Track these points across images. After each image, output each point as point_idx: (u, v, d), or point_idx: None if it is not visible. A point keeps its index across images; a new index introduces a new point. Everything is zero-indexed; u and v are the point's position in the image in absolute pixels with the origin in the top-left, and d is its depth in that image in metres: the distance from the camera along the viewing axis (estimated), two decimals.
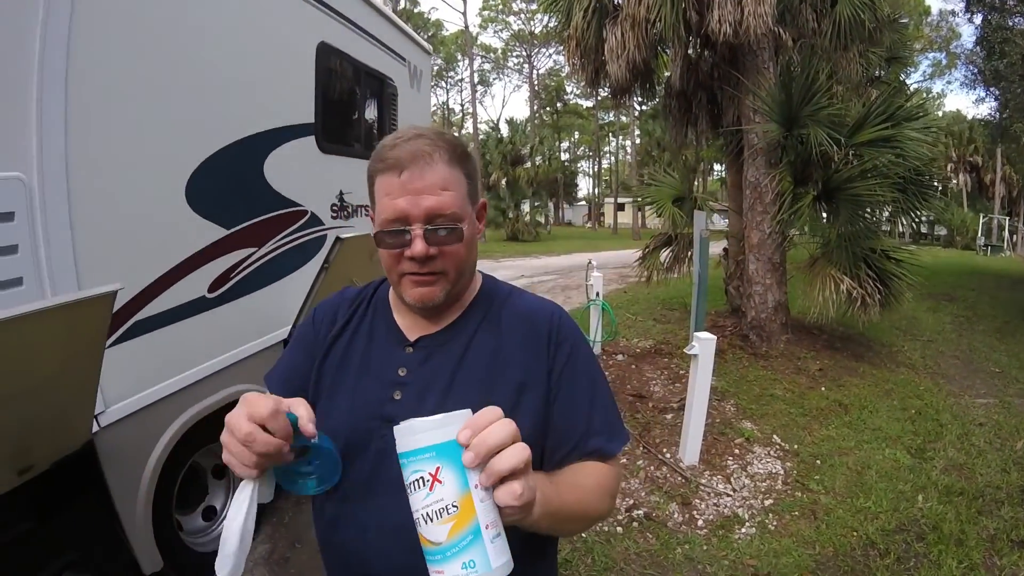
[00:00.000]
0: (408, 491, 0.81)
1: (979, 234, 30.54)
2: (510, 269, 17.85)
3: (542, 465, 1.16)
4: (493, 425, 0.82)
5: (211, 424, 3.14)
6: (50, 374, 1.94)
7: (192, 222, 2.98)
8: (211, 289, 3.13)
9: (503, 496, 0.81)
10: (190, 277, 2.97)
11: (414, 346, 1.19)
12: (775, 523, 3.95)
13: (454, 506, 0.78)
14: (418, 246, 1.07)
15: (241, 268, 3.34)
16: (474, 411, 0.93)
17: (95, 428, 2.43)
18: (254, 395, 0.92)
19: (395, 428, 0.84)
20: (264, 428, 0.88)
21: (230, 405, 1.13)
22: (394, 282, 1.17)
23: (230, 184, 3.27)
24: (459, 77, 55.73)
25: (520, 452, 0.82)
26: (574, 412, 1.18)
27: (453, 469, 0.79)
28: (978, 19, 15.20)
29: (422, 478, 0.79)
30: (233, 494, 1.01)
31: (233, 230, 3.26)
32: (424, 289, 1.12)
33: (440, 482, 0.79)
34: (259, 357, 3.50)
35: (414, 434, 0.81)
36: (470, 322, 1.21)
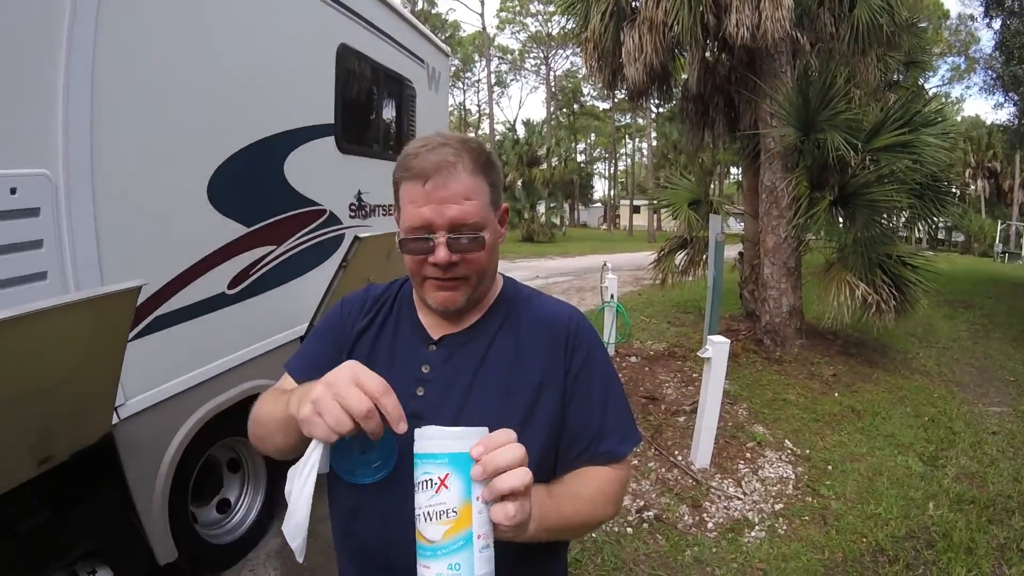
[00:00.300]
0: (416, 488, 0.87)
1: (997, 241, 30.21)
2: (525, 270, 17.86)
3: (555, 464, 1.20)
4: (505, 447, 0.87)
5: (228, 418, 3.19)
6: (73, 367, 1.98)
7: (213, 220, 3.03)
8: (231, 286, 3.18)
9: (497, 514, 0.86)
10: (210, 274, 3.02)
11: (437, 344, 1.22)
12: (785, 527, 3.95)
13: (454, 511, 0.84)
14: (441, 253, 1.10)
15: (260, 265, 3.39)
16: (494, 411, 1.05)
17: (115, 420, 2.48)
18: (358, 366, 0.93)
19: (416, 430, 0.89)
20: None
21: (248, 400, 1.16)
22: (417, 285, 1.19)
23: (251, 183, 3.31)
24: (476, 78, 55.95)
25: (522, 476, 0.87)
26: (588, 413, 1.20)
27: (460, 479, 0.85)
28: (997, 24, 15.04)
29: (431, 480, 0.85)
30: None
31: (253, 228, 3.30)
32: (446, 294, 1.15)
33: (447, 487, 0.84)
34: (277, 353, 3.53)
35: (432, 439, 0.87)
36: (491, 323, 1.24)
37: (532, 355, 1.20)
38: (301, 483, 0.92)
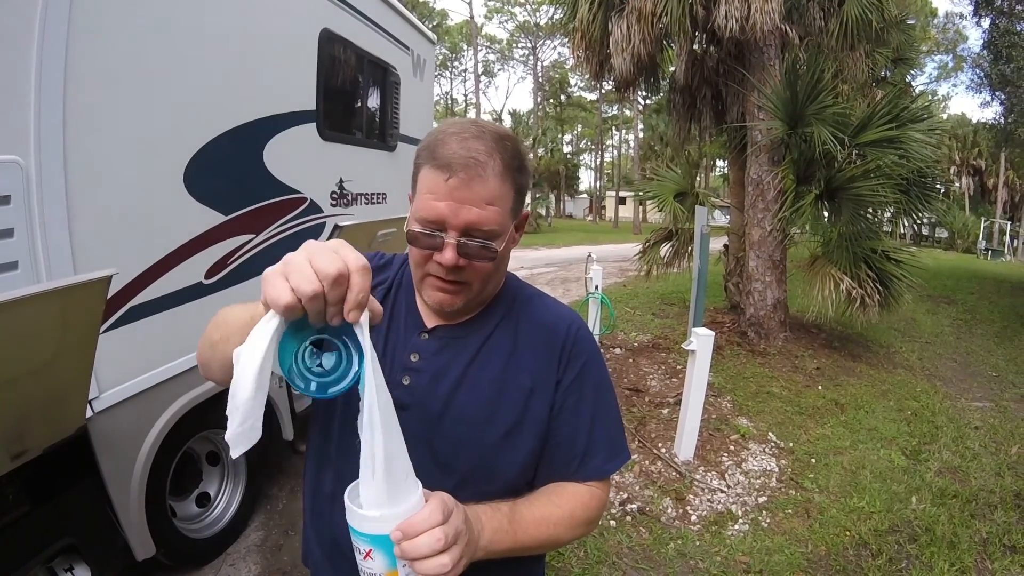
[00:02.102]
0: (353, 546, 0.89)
1: (980, 238, 30.53)
2: (510, 260, 17.81)
3: (536, 474, 1.17)
4: (424, 535, 0.83)
5: (206, 411, 3.14)
6: (44, 359, 1.93)
7: (190, 208, 2.96)
8: (208, 275, 3.12)
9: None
10: (187, 263, 2.96)
11: (430, 333, 1.17)
12: (768, 520, 3.95)
13: (381, 574, 0.87)
14: (448, 255, 1.02)
15: (239, 254, 3.32)
16: (484, 410, 1.07)
17: (89, 414, 2.43)
18: (345, 244, 0.81)
19: (347, 501, 0.86)
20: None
21: (225, 393, 1.10)
22: (417, 278, 1.13)
23: (229, 170, 3.24)
24: (463, 67, 55.70)
25: (440, 566, 0.83)
26: (576, 429, 1.17)
27: (384, 553, 0.85)
28: (986, 23, 15.13)
29: (359, 548, 0.87)
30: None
31: (231, 216, 3.24)
32: (444, 296, 1.09)
33: (372, 559, 0.86)
34: None
35: (354, 514, 0.86)
36: (489, 321, 1.19)
37: (527, 359, 1.16)
38: (250, 352, 0.76)
